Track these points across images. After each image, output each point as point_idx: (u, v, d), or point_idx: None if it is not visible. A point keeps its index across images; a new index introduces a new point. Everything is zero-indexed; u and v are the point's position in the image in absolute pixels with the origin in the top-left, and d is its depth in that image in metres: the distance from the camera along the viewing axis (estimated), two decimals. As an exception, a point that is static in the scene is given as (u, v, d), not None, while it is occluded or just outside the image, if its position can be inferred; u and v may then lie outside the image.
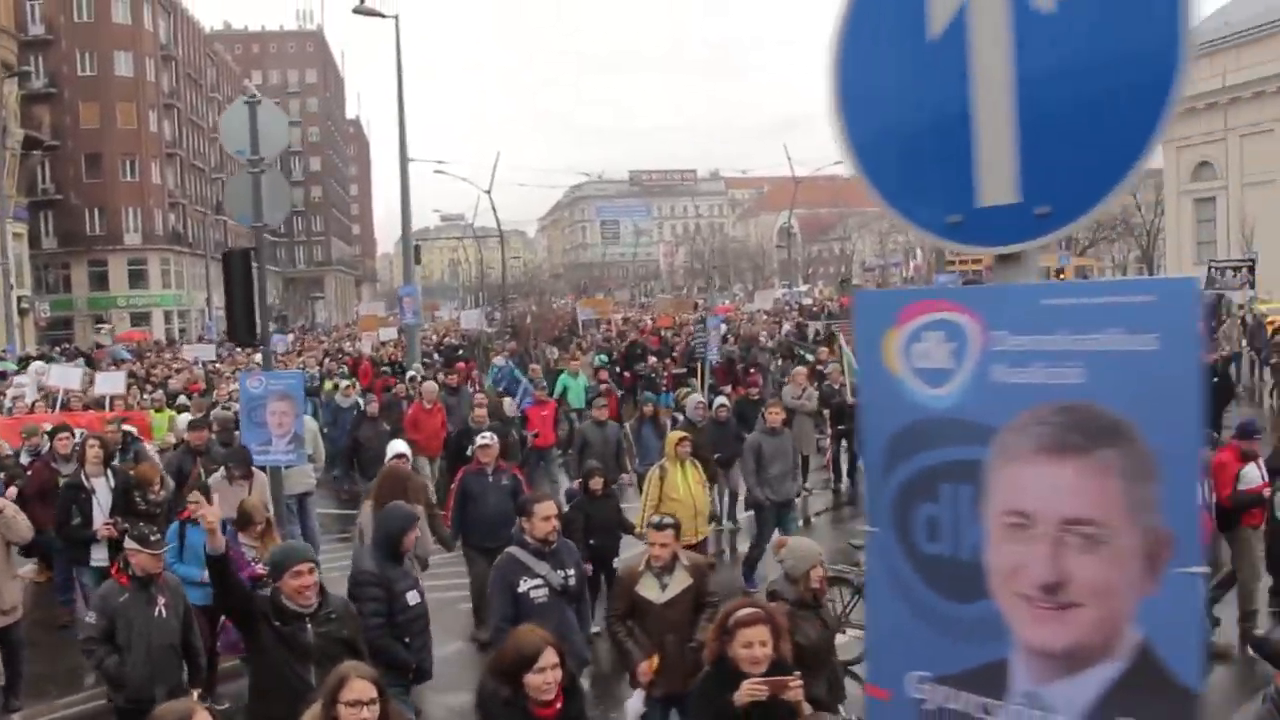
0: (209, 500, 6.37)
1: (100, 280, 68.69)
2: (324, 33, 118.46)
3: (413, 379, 19.10)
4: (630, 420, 15.40)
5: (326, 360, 24.66)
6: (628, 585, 6.85)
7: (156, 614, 6.96)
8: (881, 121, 2.38)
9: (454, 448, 13.72)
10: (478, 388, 18.61)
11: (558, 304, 49.01)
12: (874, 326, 2.31)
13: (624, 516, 10.57)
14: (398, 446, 10.41)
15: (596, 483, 10.17)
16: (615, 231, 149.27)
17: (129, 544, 7.01)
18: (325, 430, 15.44)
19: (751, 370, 20.46)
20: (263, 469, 10.40)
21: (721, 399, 15.06)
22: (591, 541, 9.87)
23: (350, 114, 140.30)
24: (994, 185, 2.19)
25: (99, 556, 10.02)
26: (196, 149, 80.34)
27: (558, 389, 19.23)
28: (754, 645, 4.51)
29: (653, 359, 22.62)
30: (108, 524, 9.96)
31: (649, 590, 6.74)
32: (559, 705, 4.51)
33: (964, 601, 2.15)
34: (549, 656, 4.46)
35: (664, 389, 20.20)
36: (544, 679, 4.43)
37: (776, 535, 11.11)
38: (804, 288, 69.27)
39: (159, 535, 7.22)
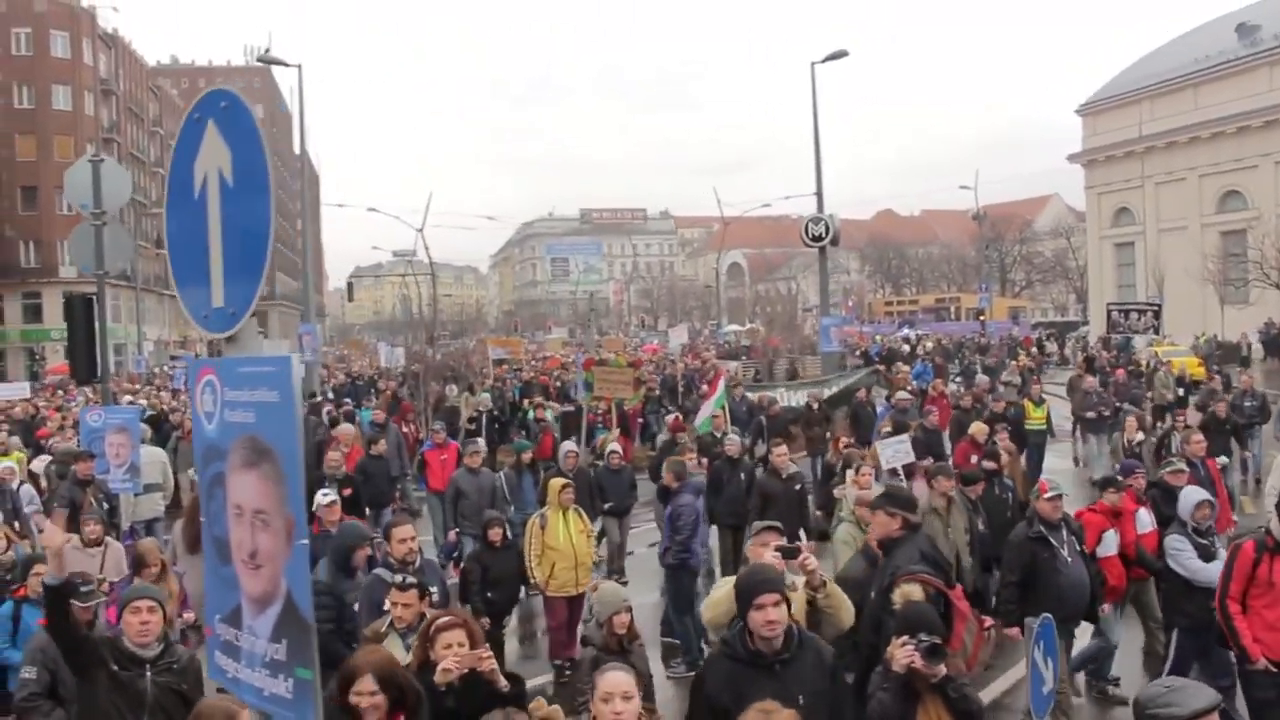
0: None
1: (34, 313, 68.22)
2: (271, 69, 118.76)
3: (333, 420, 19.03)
4: (504, 467, 14.15)
5: None
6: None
7: None
8: (178, 245, 3.58)
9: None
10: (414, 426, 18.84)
11: (472, 342, 49.17)
12: (193, 381, 3.47)
13: (526, 569, 10.03)
14: None
15: (496, 533, 9.68)
16: (565, 269, 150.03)
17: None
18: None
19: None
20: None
21: (614, 446, 14.52)
22: (490, 595, 9.54)
23: (298, 149, 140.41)
24: (217, 295, 3.39)
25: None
26: (137, 183, 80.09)
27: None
28: (452, 645, 5.03)
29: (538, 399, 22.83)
30: None
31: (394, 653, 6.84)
32: None
33: (225, 565, 3.21)
34: (366, 683, 4.41)
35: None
36: (361, 700, 4.40)
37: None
38: (732, 327, 69.99)
39: (90, 586, 6.74)
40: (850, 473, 10.82)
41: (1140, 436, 13.59)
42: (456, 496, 12.50)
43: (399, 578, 6.49)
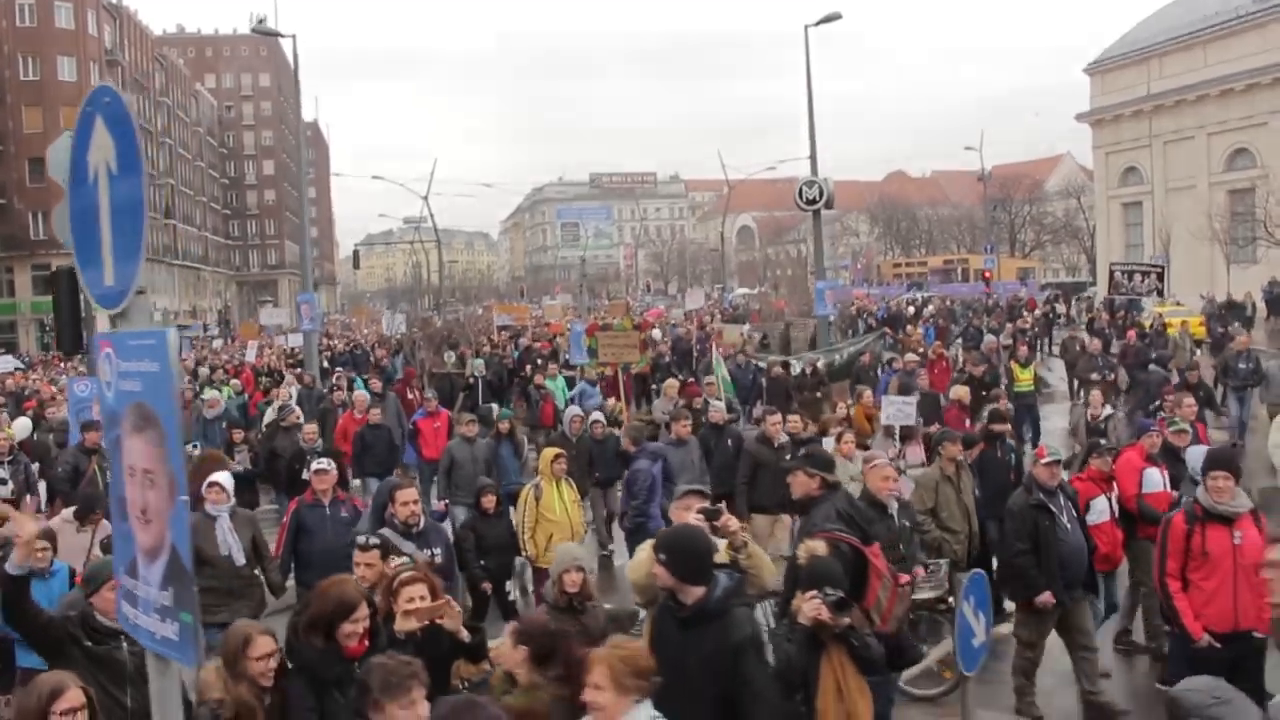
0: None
1: (44, 284, 68.53)
2: (294, 36, 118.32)
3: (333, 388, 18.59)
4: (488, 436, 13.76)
5: (199, 368, 24.67)
6: None
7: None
8: (78, 229, 3.67)
9: (287, 473, 12.89)
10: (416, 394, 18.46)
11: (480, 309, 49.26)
12: (96, 353, 3.69)
13: (518, 538, 9.95)
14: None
15: (489, 500, 9.70)
16: (575, 234, 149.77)
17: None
18: (197, 445, 14.51)
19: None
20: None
21: (598, 414, 14.19)
22: (484, 563, 9.57)
23: (309, 117, 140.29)
24: (108, 275, 3.52)
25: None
26: (144, 153, 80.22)
27: (555, 391, 18.80)
28: (414, 600, 5.27)
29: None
30: None
31: None
32: (366, 644, 4.99)
33: (124, 521, 3.48)
34: (364, 610, 4.97)
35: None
36: (356, 627, 4.91)
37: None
38: (742, 290, 69.88)
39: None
40: (831, 441, 10.79)
41: (1108, 410, 12.60)
42: (450, 466, 12.40)
43: (367, 538, 6.60)
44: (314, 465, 9.44)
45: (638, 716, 3.96)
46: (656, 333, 28.67)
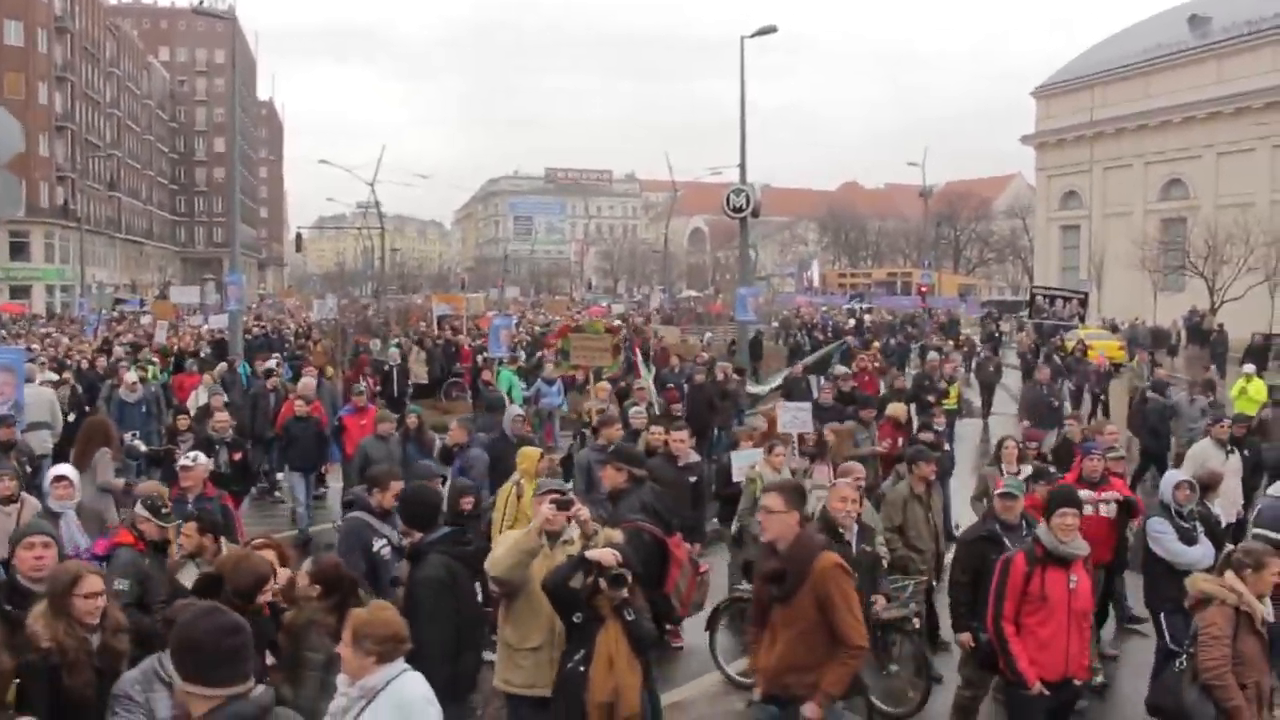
0: None
1: (-22, 251, 67.57)
2: (235, 12, 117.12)
3: (267, 371, 17.64)
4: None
5: (114, 345, 24.13)
6: None
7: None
8: None
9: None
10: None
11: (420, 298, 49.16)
12: None
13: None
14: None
15: (467, 501, 9.03)
16: (528, 227, 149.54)
17: (139, 510, 7.15)
18: (136, 434, 13.93)
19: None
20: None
21: (517, 409, 13.37)
22: None
23: (264, 96, 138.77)
24: None
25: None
26: (90, 123, 79.17)
27: (503, 385, 18.18)
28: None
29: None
30: None
31: None
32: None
33: None
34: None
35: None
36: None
37: None
38: (690, 292, 70.27)
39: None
40: (754, 454, 10.54)
41: (1027, 470, 9.95)
42: (364, 464, 11.42)
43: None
44: (181, 459, 8.99)
45: (379, 675, 4.27)
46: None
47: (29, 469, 11.00)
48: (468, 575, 5.81)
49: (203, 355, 22.61)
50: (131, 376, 15.79)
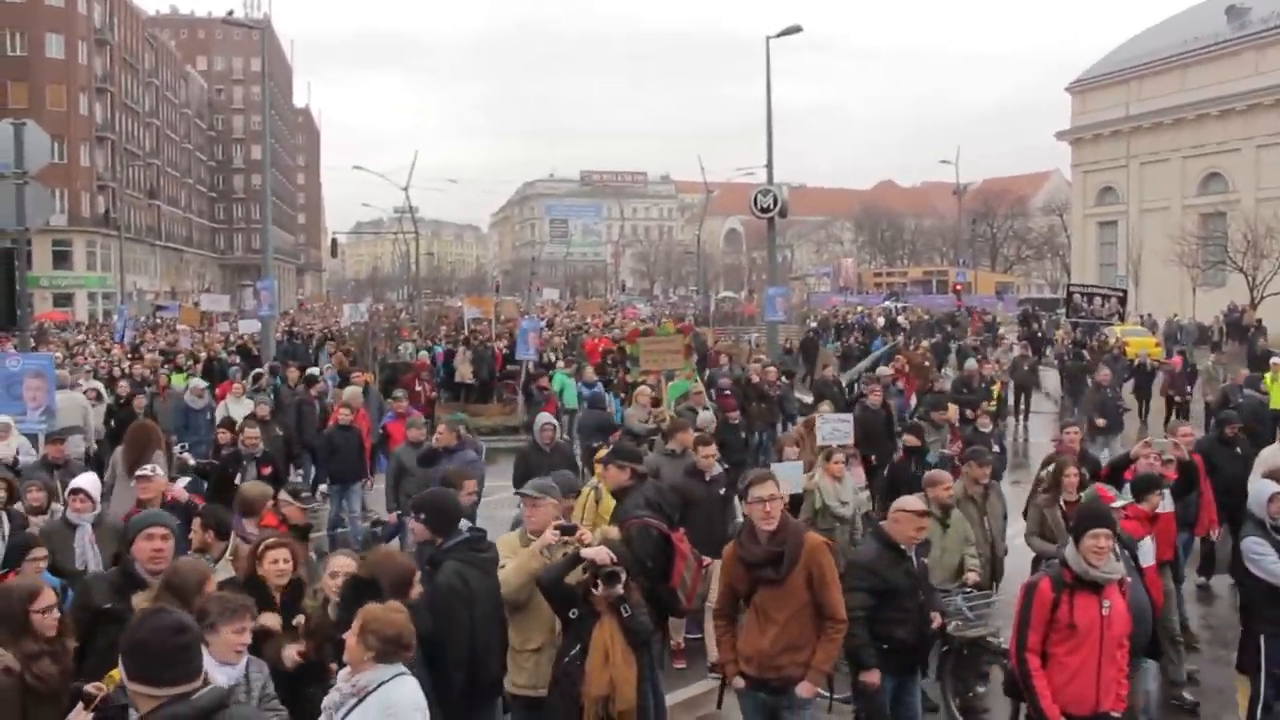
0: None
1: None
2: (270, 20, 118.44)
3: (310, 378, 16.91)
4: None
5: (146, 353, 24.22)
6: None
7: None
8: None
9: (217, 481, 10.91)
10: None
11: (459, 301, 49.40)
12: None
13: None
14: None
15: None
16: (564, 230, 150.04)
17: (283, 495, 7.62)
18: (184, 445, 13.85)
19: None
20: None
21: (548, 418, 12.19)
22: None
23: (300, 103, 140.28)
24: None
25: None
26: (130, 133, 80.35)
27: (555, 387, 18.22)
28: (278, 562, 5.84)
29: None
30: None
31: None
32: None
33: None
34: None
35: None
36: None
37: None
38: (727, 293, 70.21)
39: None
40: (801, 465, 10.11)
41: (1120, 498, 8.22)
42: (399, 474, 11.37)
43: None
44: (137, 470, 8.64)
45: (374, 675, 4.34)
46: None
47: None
48: (483, 581, 5.84)
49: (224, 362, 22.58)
50: (198, 383, 15.73)
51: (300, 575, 6.01)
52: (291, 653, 5.40)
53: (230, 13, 27.64)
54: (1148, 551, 7.57)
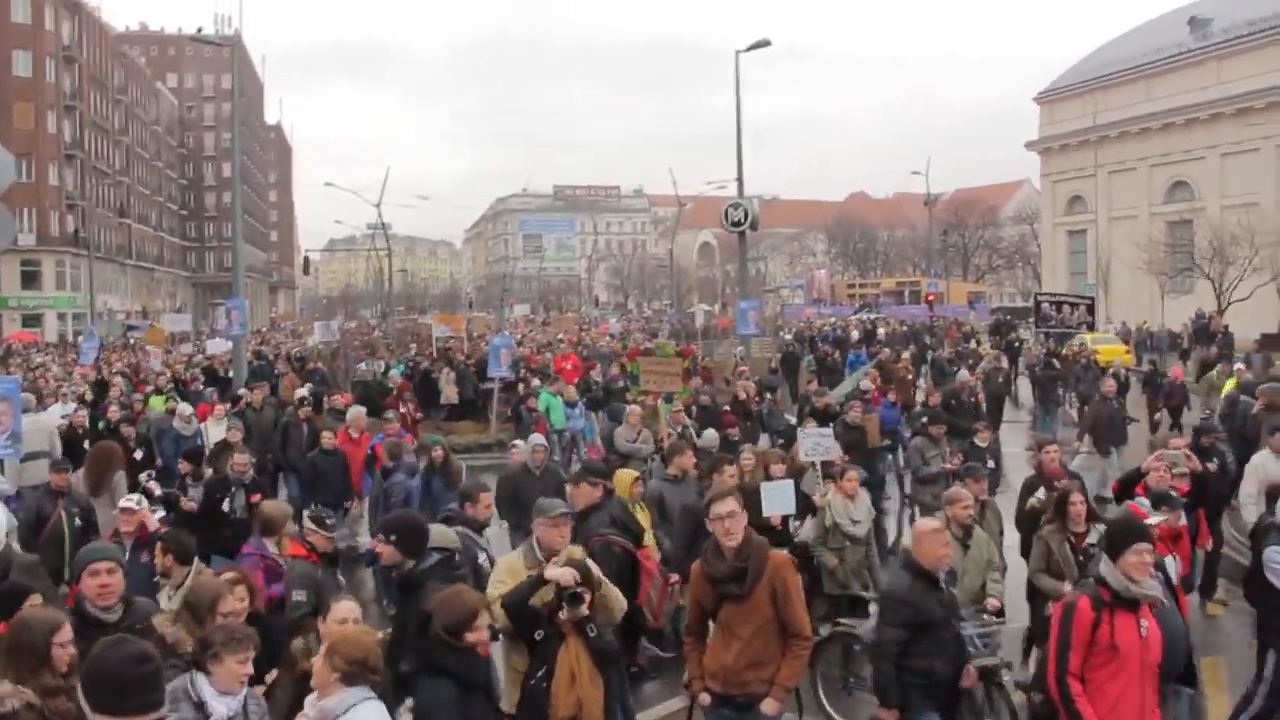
0: None
1: (-11, 281, 67.99)
2: (241, 37, 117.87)
3: (302, 400, 16.54)
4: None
5: (113, 375, 23.73)
6: None
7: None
8: None
9: (205, 506, 10.80)
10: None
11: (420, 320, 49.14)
12: None
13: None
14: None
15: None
16: (537, 245, 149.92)
17: (308, 524, 7.67)
18: (150, 474, 13.02)
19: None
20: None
21: (539, 439, 12.07)
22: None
23: (272, 119, 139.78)
24: None
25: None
26: (99, 151, 79.75)
27: (541, 407, 18.04)
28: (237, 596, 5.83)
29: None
30: None
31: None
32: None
33: None
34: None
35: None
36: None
37: None
38: (701, 306, 70.09)
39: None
40: (790, 484, 9.58)
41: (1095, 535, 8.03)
42: (387, 494, 11.27)
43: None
44: (120, 502, 8.51)
45: (340, 699, 4.27)
46: None
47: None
48: None
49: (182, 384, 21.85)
50: (186, 408, 15.29)
51: (259, 609, 6.03)
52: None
53: (200, 29, 27.50)
54: (1173, 571, 7.32)
